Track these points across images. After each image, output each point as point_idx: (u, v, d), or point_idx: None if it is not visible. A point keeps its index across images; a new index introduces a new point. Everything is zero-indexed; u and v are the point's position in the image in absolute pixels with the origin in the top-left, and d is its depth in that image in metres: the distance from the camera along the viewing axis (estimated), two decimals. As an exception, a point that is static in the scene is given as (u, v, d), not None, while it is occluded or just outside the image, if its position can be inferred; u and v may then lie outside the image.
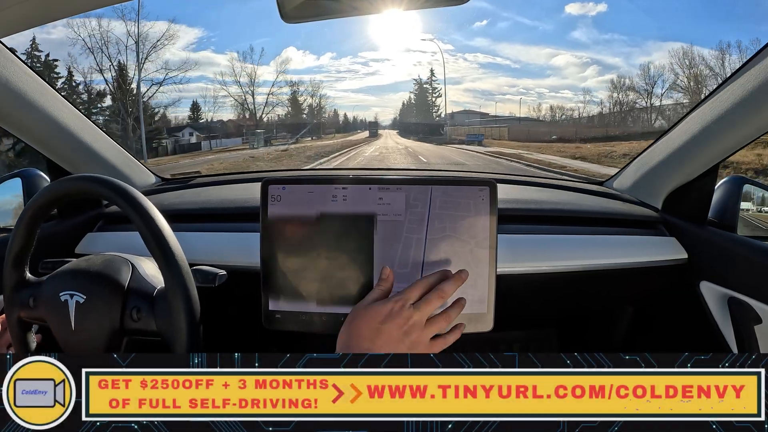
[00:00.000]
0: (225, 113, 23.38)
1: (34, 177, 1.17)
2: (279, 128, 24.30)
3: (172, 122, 21.49)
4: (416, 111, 28.97)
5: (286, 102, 24.92)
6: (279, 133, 24.09)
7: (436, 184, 0.81)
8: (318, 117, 25.96)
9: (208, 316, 0.70)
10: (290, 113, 25.00)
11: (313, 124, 25.06)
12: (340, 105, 28.42)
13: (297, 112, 25.04)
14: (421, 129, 28.00)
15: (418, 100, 29.66)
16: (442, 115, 28.62)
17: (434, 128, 27.87)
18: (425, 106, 28.79)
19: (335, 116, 28.24)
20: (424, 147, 23.69)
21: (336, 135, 26.45)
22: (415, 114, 28.94)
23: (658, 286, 1.15)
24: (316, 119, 25.59)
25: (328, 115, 26.76)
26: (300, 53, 25.72)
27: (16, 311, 0.73)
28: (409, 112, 29.67)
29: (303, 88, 25.54)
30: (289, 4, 0.68)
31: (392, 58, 25.61)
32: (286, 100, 24.90)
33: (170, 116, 21.32)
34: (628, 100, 19.80)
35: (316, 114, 25.66)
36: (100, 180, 0.68)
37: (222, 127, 23.39)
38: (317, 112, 26.34)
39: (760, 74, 0.85)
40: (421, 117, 28.52)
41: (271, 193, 0.81)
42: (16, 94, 0.94)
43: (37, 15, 0.71)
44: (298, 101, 25.13)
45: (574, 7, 20.46)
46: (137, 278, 0.72)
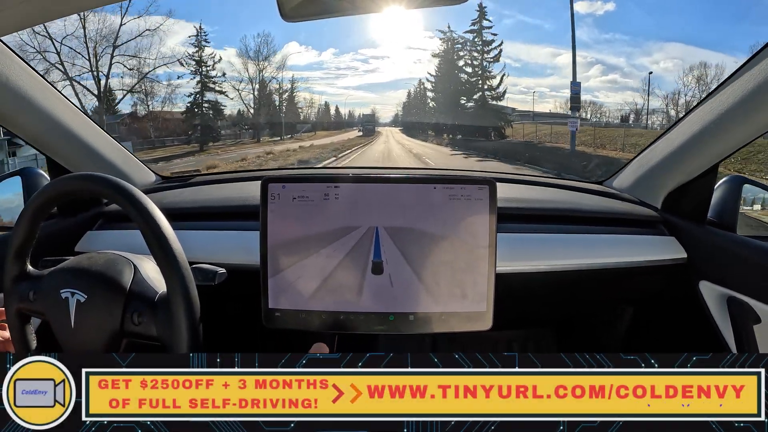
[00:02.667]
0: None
1: (34, 175, 1.17)
2: (242, 125, 19.01)
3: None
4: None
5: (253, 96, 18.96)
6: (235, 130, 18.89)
7: (436, 182, 0.81)
8: (293, 112, 20.35)
9: (208, 315, 0.70)
10: (253, 107, 19.01)
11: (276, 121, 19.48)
12: (340, 102, 22.89)
13: (266, 107, 19.40)
14: (462, 129, 19.21)
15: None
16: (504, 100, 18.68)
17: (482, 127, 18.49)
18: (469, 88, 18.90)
19: (326, 111, 22.20)
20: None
21: (317, 134, 20.82)
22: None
23: (657, 286, 1.15)
24: (286, 114, 19.85)
25: (318, 110, 21.78)
26: (303, 48, 20.87)
27: (15, 303, 0.73)
28: (420, 107, 21.79)
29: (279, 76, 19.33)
30: (289, 4, 0.68)
31: (392, 55, 24.12)
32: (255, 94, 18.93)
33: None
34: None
35: (285, 107, 19.84)
36: (101, 179, 0.68)
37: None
38: (307, 107, 20.88)
39: (760, 74, 0.85)
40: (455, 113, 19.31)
41: (270, 191, 0.81)
42: (17, 93, 0.94)
43: (37, 14, 0.71)
44: (268, 91, 19.24)
45: (582, 5, 19.91)
46: (139, 281, 0.72)
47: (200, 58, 17.60)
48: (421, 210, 0.80)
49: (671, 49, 17.46)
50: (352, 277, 0.81)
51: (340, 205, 0.81)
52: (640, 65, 17.53)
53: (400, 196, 0.81)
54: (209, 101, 17.99)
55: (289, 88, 20.02)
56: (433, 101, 21.37)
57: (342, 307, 0.81)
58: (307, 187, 0.81)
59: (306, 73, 22.59)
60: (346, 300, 0.81)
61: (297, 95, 20.66)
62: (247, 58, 18.43)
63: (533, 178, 1.44)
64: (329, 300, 0.81)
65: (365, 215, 0.81)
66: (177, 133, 17.75)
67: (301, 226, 0.81)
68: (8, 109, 0.96)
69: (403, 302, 0.81)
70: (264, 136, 19.39)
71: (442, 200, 0.80)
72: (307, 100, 21.40)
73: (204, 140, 17.92)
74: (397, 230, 0.80)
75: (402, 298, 0.81)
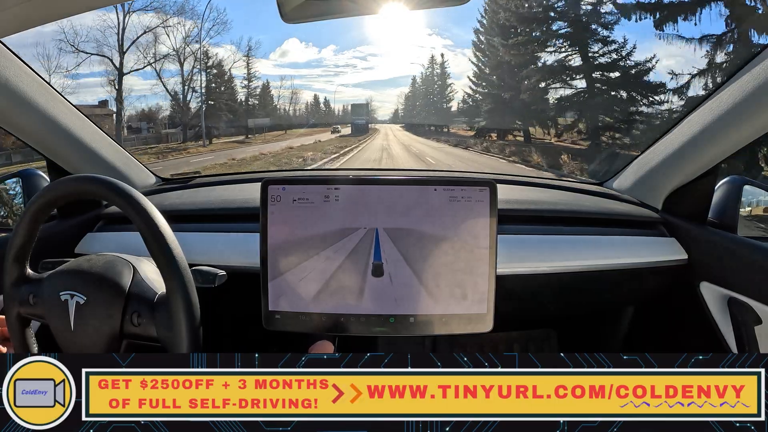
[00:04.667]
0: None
1: (34, 177, 1.17)
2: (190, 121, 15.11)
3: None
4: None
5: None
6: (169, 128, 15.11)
7: (436, 184, 0.81)
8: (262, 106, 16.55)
9: (208, 317, 0.70)
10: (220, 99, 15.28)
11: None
12: (339, 100, 19.48)
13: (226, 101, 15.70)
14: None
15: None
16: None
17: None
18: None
19: (315, 104, 18.00)
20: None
21: (287, 132, 17.13)
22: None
23: (658, 287, 1.15)
24: (260, 109, 16.37)
25: (306, 105, 17.51)
26: (302, 45, 18.17)
27: (15, 307, 0.73)
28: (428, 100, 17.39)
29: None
30: (289, 5, 0.68)
31: (390, 52, 23.48)
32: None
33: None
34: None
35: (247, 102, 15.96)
36: (101, 180, 0.68)
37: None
38: (289, 103, 16.92)
39: (760, 74, 0.85)
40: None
41: (271, 193, 0.81)
42: (16, 94, 0.94)
43: (37, 15, 0.71)
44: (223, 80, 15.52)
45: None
46: (138, 282, 0.72)
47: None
48: (422, 212, 0.80)
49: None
50: (353, 279, 0.81)
51: (341, 207, 0.81)
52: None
53: (401, 197, 0.81)
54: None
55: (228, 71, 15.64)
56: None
57: (342, 309, 0.81)
58: (308, 188, 0.81)
59: (304, 71, 21.65)
60: (346, 302, 0.81)
61: (250, 84, 16.22)
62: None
63: (534, 179, 1.44)
64: (329, 302, 0.81)
65: (365, 217, 0.81)
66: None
67: (302, 228, 0.81)
68: (8, 110, 0.96)
69: (404, 304, 0.81)
70: (191, 140, 15.27)
71: (443, 202, 0.80)
72: (283, 96, 17.39)
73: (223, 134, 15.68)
74: (397, 232, 0.80)
75: (402, 300, 0.81)
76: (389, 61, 22.45)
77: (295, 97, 18.16)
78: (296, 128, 17.69)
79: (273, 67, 18.37)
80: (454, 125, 16.89)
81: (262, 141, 16.64)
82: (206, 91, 15.67)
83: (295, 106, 18.21)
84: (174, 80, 15.19)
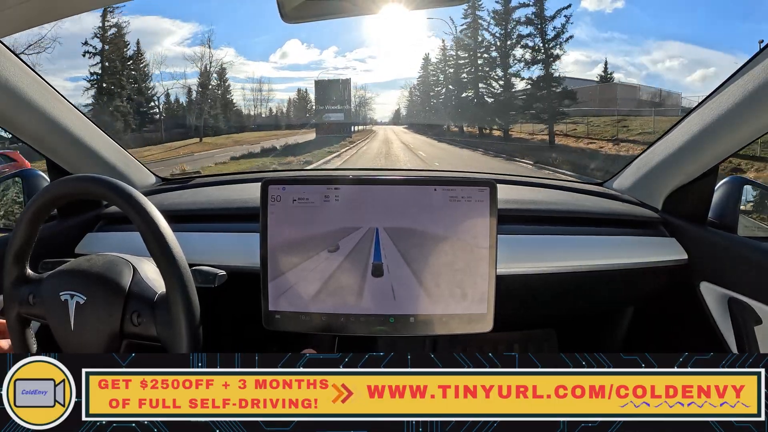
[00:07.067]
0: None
1: (34, 177, 1.17)
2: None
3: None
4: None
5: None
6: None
7: (436, 184, 0.81)
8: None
9: (208, 317, 0.70)
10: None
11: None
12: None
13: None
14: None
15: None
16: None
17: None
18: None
19: (303, 100, 16.12)
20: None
21: (233, 136, 14.99)
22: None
23: (658, 287, 1.15)
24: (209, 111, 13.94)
25: (289, 101, 15.32)
26: (301, 45, 17.81)
27: (15, 307, 0.73)
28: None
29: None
30: (289, 5, 0.68)
31: (390, 53, 23.20)
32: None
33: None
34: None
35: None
36: (101, 180, 0.68)
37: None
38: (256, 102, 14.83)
39: (760, 74, 0.85)
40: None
41: (271, 193, 0.81)
42: (16, 94, 0.94)
43: (37, 15, 0.71)
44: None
45: (591, 2, 19.34)
46: (138, 281, 0.72)
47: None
48: (422, 212, 0.80)
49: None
50: (352, 279, 0.81)
51: (340, 207, 0.81)
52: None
53: (401, 197, 0.81)
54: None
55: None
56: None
57: (342, 309, 0.81)
58: (308, 188, 0.81)
59: (304, 73, 21.30)
60: (346, 302, 0.81)
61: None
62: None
63: (534, 179, 1.44)
64: (329, 302, 0.81)
65: (365, 217, 0.81)
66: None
67: (302, 228, 0.81)
68: (8, 110, 0.96)
69: (404, 304, 0.81)
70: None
71: (443, 202, 0.80)
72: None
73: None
74: (397, 232, 0.80)
75: (402, 300, 0.80)
76: (389, 62, 22.32)
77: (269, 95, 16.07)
78: (251, 131, 15.41)
79: (273, 69, 18.24)
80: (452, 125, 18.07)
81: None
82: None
83: (269, 105, 16.05)
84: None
